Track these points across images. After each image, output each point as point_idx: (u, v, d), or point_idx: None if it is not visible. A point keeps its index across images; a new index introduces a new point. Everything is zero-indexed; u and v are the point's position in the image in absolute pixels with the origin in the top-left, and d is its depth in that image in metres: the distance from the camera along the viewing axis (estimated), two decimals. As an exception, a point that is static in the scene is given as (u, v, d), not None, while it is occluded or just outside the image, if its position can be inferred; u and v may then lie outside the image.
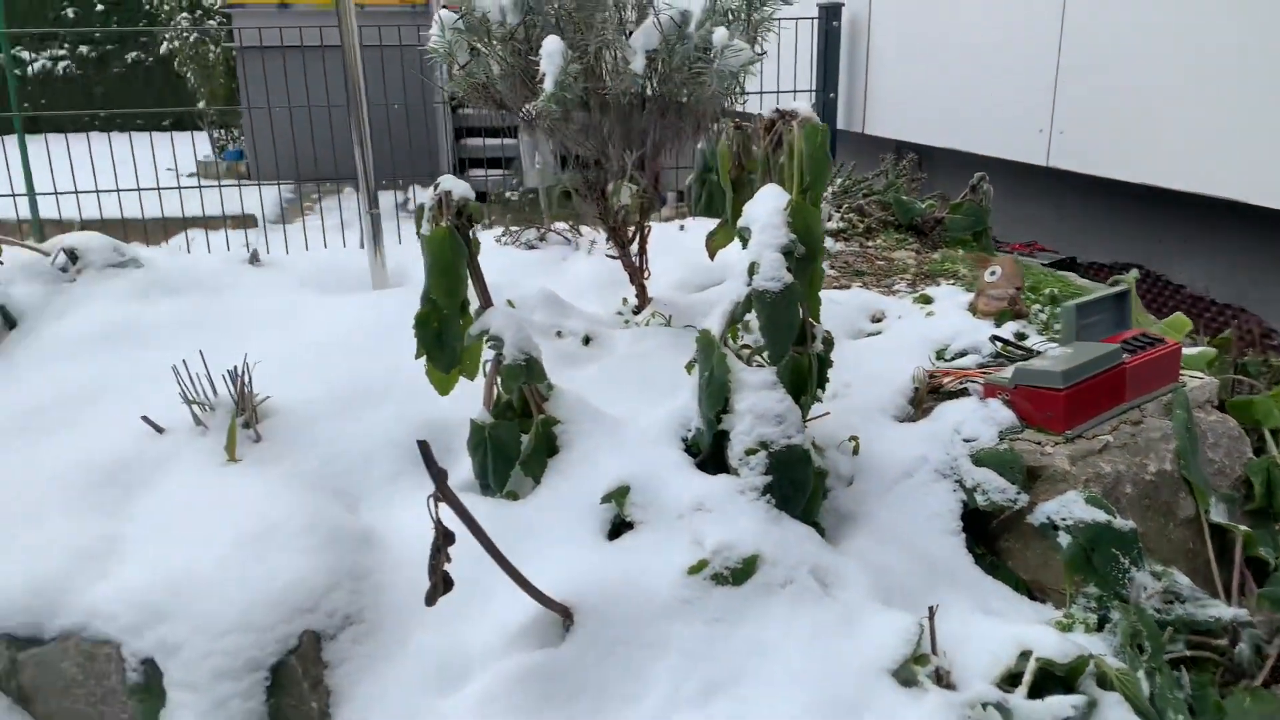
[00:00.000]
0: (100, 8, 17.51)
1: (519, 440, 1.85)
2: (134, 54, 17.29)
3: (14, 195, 5.33)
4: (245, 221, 9.18)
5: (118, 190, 4.88)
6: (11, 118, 5.40)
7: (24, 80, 16.79)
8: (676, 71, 2.16)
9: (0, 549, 1.74)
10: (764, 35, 2.26)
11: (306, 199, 10.61)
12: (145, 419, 1.98)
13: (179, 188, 5.28)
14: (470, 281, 1.86)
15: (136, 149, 5.66)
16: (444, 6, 2.27)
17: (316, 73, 5.69)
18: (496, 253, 3.29)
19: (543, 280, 3.06)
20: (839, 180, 3.80)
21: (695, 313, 2.69)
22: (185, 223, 8.28)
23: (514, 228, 3.36)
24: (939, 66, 4.48)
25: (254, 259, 2.90)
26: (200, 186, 5.17)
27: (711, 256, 2.23)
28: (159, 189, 5.08)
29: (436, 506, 1.39)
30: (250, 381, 1.99)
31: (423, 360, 1.91)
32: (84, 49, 17.38)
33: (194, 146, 6.94)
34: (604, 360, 2.35)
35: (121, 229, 8.27)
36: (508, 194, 9.35)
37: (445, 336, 1.89)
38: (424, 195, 1.85)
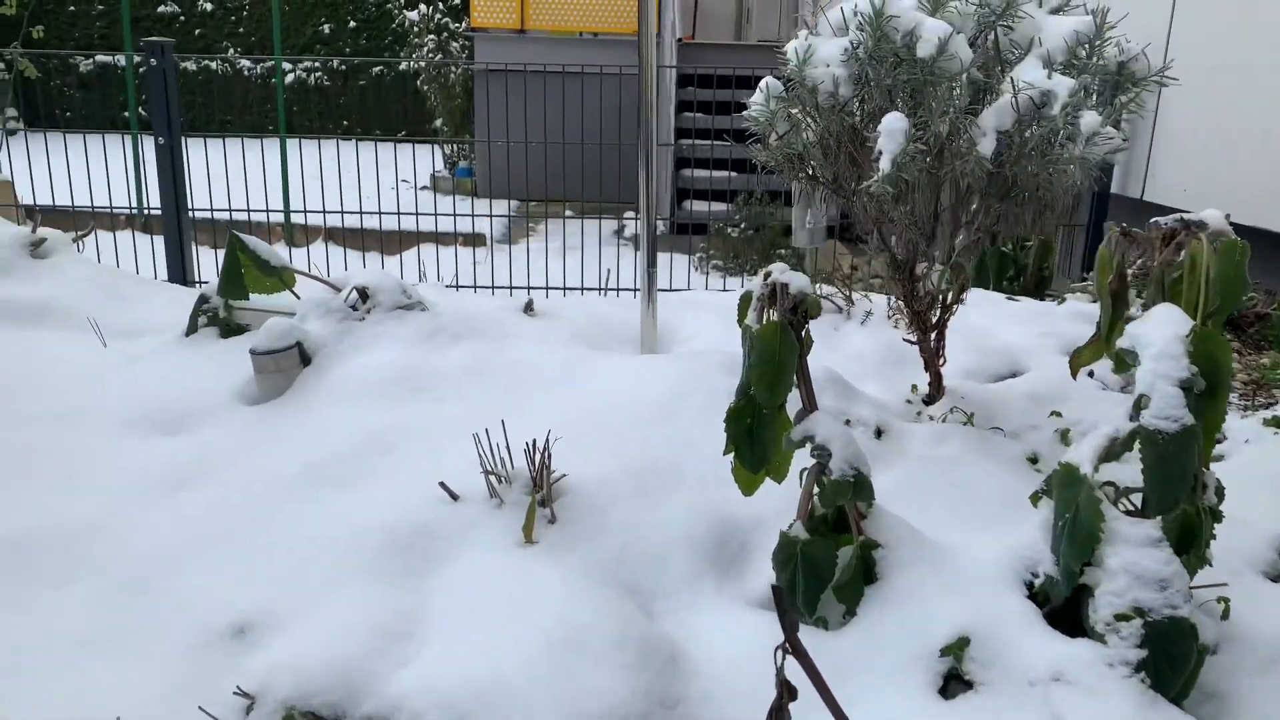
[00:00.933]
0: (352, 24, 18.80)
1: (834, 561, 1.68)
2: (378, 68, 18.48)
3: (268, 209, 5.67)
4: (475, 240, 9.54)
5: (359, 210, 5.07)
6: (274, 123, 5.76)
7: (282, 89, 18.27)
8: (1028, 156, 1.93)
9: (299, 613, 1.72)
10: (1128, 118, 2.00)
11: (530, 218, 10.90)
12: (443, 485, 1.94)
13: (415, 212, 5.40)
14: (796, 381, 1.71)
15: (375, 159, 5.93)
16: (773, 74, 2.13)
17: (552, 96, 5.78)
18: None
19: (818, 351, 2.88)
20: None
21: (995, 409, 2.44)
22: (419, 237, 8.67)
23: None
24: (1260, 130, 3.99)
25: (529, 308, 2.87)
26: (420, 210, 5.26)
27: (1074, 374, 1.98)
28: (399, 211, 5.23)
29: (783, 659, 1.24)
30: (550, 458, 1.91)
31: (718, 449, 1.77)
32: (334, 62, 18.72)
33: (430, 160, 7.13)
34: (903, 463, 2.14)
35: (361, 239, 8.68)
36: (730, 229, 9.26)
37: (759, 435, 1.74)
38: (751, 284, 1.72)
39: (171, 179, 4.82)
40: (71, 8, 16.74)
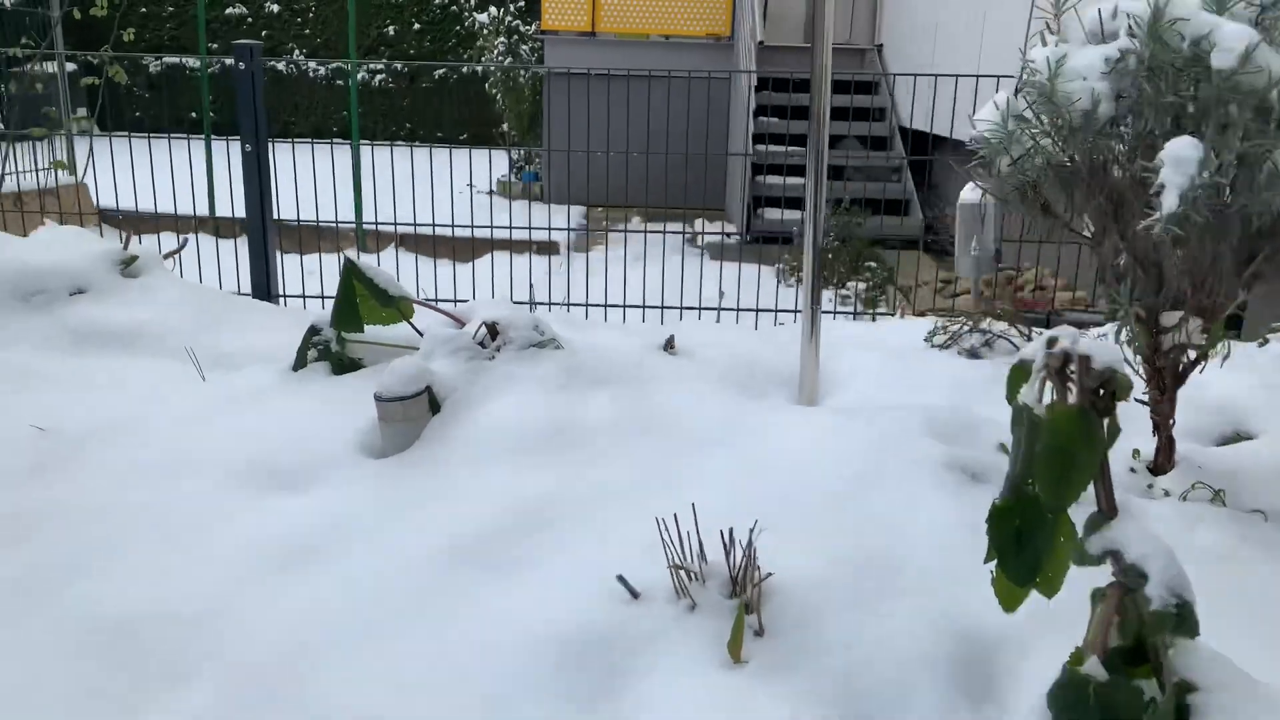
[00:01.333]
0: (417, 27, 18.71)
1: (1140, 710, 1.33)
2: (441, 70, 18.38)
3: (338, 220, 5.39)
4: (548, 248, 9.28)
5: (431, 222, 4.80)
6: (340, 126, 5.51)
7: (345, 90, 18.23)
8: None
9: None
10: None
11: (597, 226, 10.62)
12: (621, 580, 1.62)
13: (490, 225, 5.10)
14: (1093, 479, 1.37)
15: (440, 163, 5.68)
16: (1018, 91, 1.79)
17: (623, 100, 5.50)
18: (924, 358, 2.79)
19: (997, 400, 2.52)
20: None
21: (1241, 483, 2.07)
22: (491, 245, 8.42)
23: (945, 321, 2.84)
24: None
25: (669, 345, 2.55)
26: (493, 221, 4.94)
27: None
28: (472, 224, 4.92)
29: None
30: (754, 554, 1.58)
31: (932, 533, 1.43)
32: (398, 64, 18.65)
33: (494, 165, 6.89)
34: (1158, 555, 1.78)
35: (432, 245, 8.43)
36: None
37: (1031, 541, 1.40)
38: (1026, 351, 1.38)
39: (258, 189, 4.59)
40: (143, 9, 16.83)
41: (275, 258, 4.76)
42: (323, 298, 4.76)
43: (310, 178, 5.47)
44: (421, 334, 2.62)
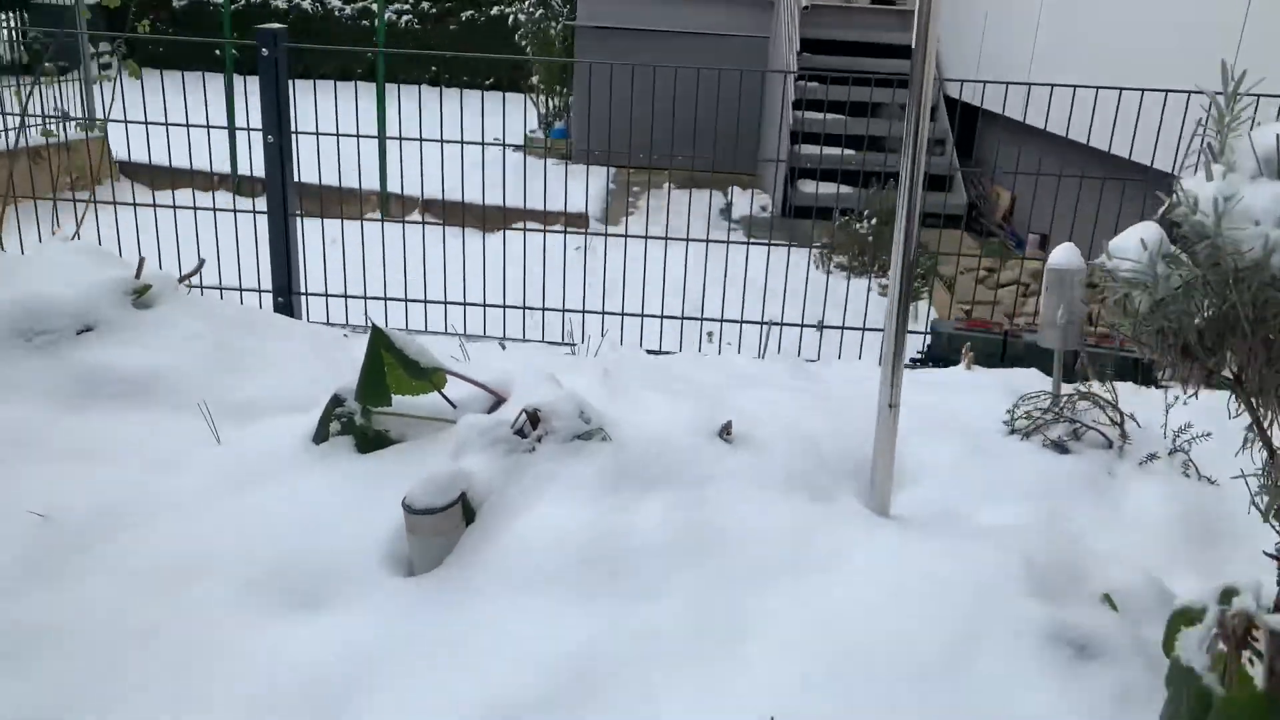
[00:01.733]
0: (446, -36, 18.11)
1: None
2: (469, 12, 17.85)
3: (360, 185, 5.02)
4: (575, 221, 8.97)
5: (462, 190, 4.54)
6: (365, 68, 5.16)
7: (372, 31, 17.76)
8: None
9: None
10: None
11: (627, 190, 10.29)
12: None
13: (516, 191, 4.73)
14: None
15: (467, 110, 5.37)
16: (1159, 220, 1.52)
17: (657, 58, 5.19)
18: (1003, 448, 2.55)
19: (1091, 511, 2.29)
20: None
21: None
22: (525, 214, 8.09)
23: (1031, 409, 2.59)
24: None
25: (725, 432, 2.32)
26: (520, 186, 4.61)
27: None
28: (504, 190, 4.55)
29: None
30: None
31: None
32: (425, 5, 18.13)
33: (524, 118, 6.50)
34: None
35: (461, 214, 8.10)
36: (855, 224, 8.55)
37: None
38: (1183, 600, 1.15)
39: (280, 184, 4.35)
40: (166, -59, 16.37)
41: (297, 254, 4.53)
42: (345, 297, 4.56)
43: (334, 130, 5.11)
44: (454, 405, 2.40)
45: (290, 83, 4.29)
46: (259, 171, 4.49)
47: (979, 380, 3.12)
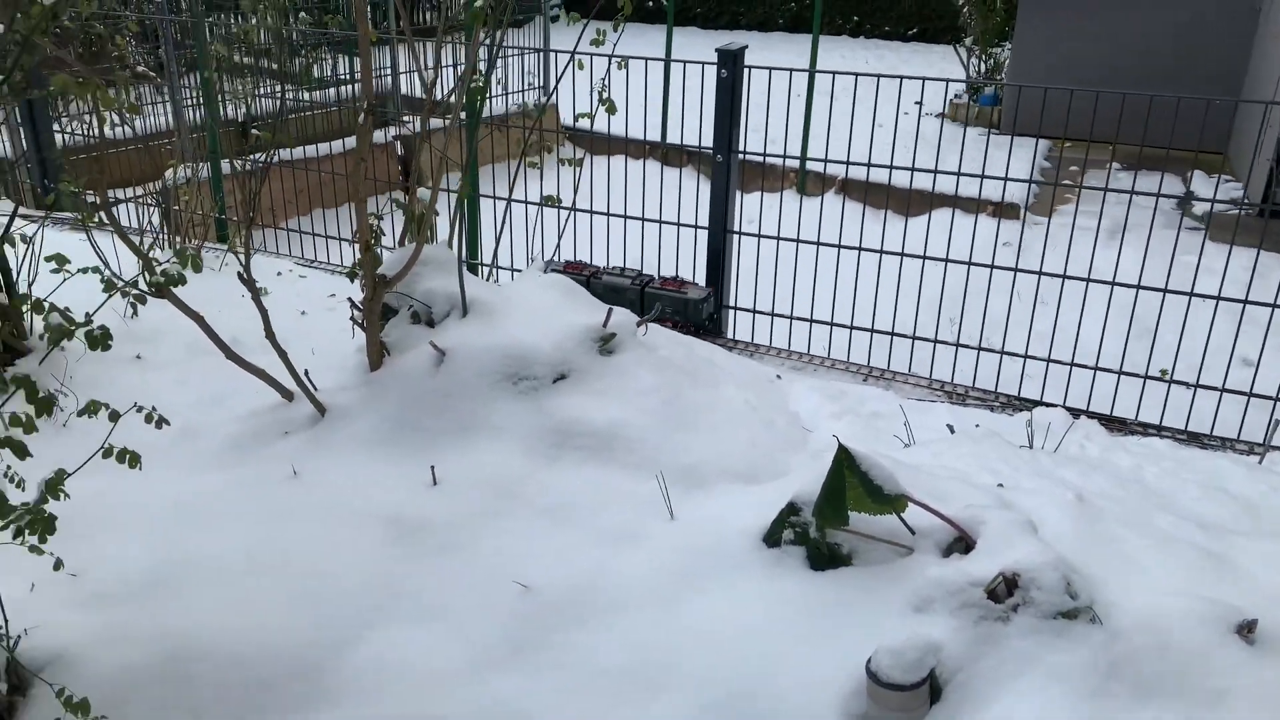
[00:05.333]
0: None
1: None
2: (899, -42, 17.01)
3: (784, 156, 4.73)
4: (1003, 210, 8.26)
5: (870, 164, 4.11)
6: (785, 16, 4.87)
7: (798, -20, 17.55)
8: None
9: None
10: None
11: (1064, 174, 9.31)
12: None
13: (933, 169, 4.12)
14: None
15: (888, 65, 4.91)
16: None
17: (1113, 20, 4.33)
18: None
19: None
20: None
21: None
22: (933, 200, 7.47)
23: None
24: None
25: (1246, 630, 1.95)
26: (940, 168, 4.02)
27: None
28: (913, 167, 4.08)
29: None
30: None
31: None
32: (851, -53, 17.52)
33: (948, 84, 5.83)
34: None
35: (885, 197, 7.68)
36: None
37: None
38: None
39: (724, 203, 4.39)
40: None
41: (730, 271, 4.59)
42: (772, 316, 4.53)
43: (764, 96, 4.86)
44: (913, 531, 2.26)
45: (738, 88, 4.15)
46: (689, 139, 4.45)
47: None
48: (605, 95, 3.68)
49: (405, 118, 8.55)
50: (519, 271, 4.50)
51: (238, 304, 3.30)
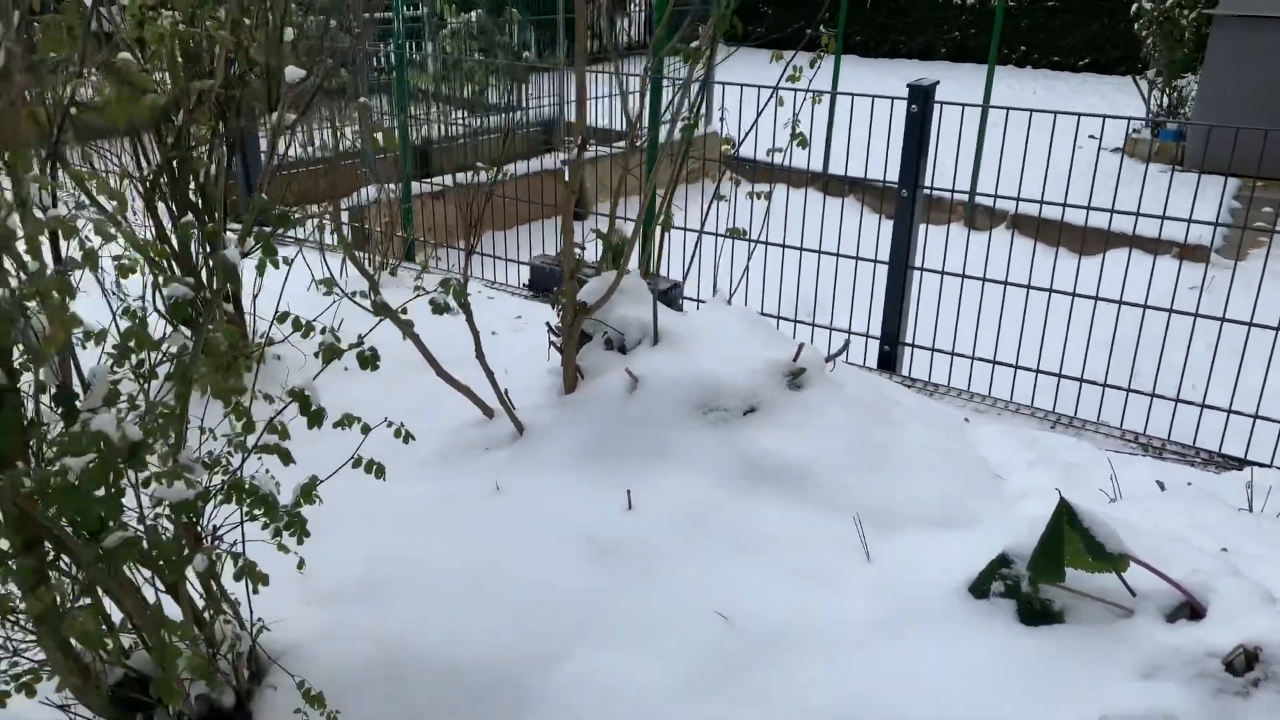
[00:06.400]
0: (1052, -64, 16.87)
1: None
2: (1073, -14, 16.42)
3: (952, 190, 4.53)
4: (1190, 253, 7.81)
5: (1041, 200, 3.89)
6: (948, 47, 4.70)
7: (962, 9, 17.20)
8: None
9: None
10: None
11: (1256, 215, 8.74)
12: None
13: (1109, 208, 3.87)
14: None
15: (1060, 97, 4.69)
16: None
17: None
18: None
19: None
20: None
21: None
22: (1108, 239, 7.09)
23: None
24: None
25: None
26: (1116, 207, 3.75)
27: None
28: (1088, 205, 3.84)
29: None
30: None
31: None
32: (1029, -22, 17.00)
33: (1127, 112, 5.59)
34: None
35: (1058, 233, 7.38)
36: None
37: None
38: None
39: (905, 240, 4.34)
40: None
41: (910, 306, 4.51)
42: (952, 355, 4.43)
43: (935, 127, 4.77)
44: (1133, 593, 2.16)
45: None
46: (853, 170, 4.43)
47: None
48: (798, 129, 3.72)
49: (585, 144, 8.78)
50: (701, 302, 4.55)
51: (425, 321, 3.46)
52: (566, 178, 3.14)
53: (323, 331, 1.94)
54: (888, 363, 4.57)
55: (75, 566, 1.85)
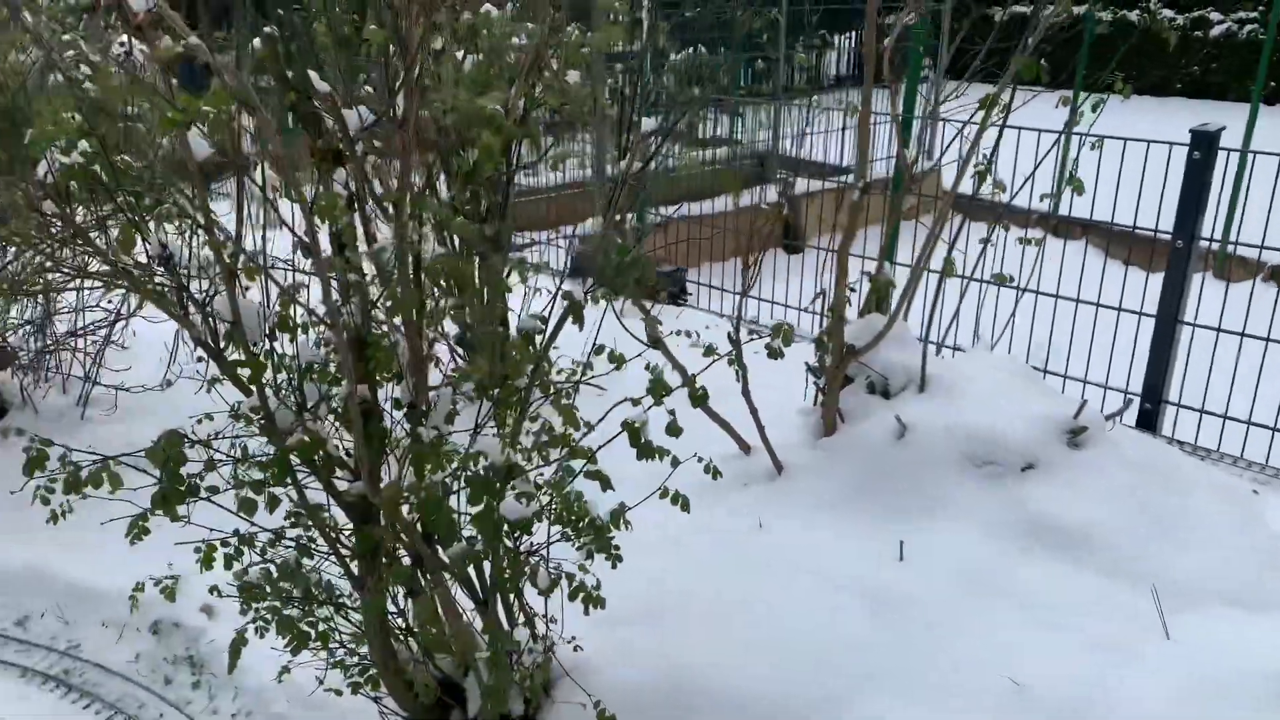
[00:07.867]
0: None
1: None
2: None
3: (1194, 236, 4.06)
4: None
5: None
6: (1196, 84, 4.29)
7: (1203, 42, 16.07)
8: None
9: None
10: None
11: None
12: None
13: None
14: None
15: None
16: None
17: None
18: None
19: None
20: None
21: None
22: None
23: None
24: None
25: None
26: None
27: None
28: None
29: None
30: None
31: None
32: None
33: None
34: None
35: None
36: None
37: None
38: None
39: (1177, 293, 4.08)
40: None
41: (1175, 360, 4.24)
42: (1224, 419, 4.11)
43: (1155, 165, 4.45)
44: None
45: None
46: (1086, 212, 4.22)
47: None
48: (1074, 173, 3.58)
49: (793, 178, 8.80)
50: (959, 349, 4.44)
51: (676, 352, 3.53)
52: (846, 208, 3.15)
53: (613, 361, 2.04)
54: (1147, 421, 4.30)
55: (419, 570, 2.01)
